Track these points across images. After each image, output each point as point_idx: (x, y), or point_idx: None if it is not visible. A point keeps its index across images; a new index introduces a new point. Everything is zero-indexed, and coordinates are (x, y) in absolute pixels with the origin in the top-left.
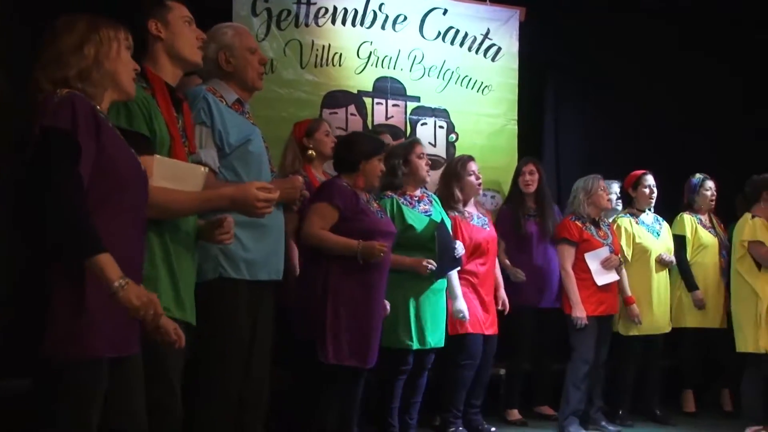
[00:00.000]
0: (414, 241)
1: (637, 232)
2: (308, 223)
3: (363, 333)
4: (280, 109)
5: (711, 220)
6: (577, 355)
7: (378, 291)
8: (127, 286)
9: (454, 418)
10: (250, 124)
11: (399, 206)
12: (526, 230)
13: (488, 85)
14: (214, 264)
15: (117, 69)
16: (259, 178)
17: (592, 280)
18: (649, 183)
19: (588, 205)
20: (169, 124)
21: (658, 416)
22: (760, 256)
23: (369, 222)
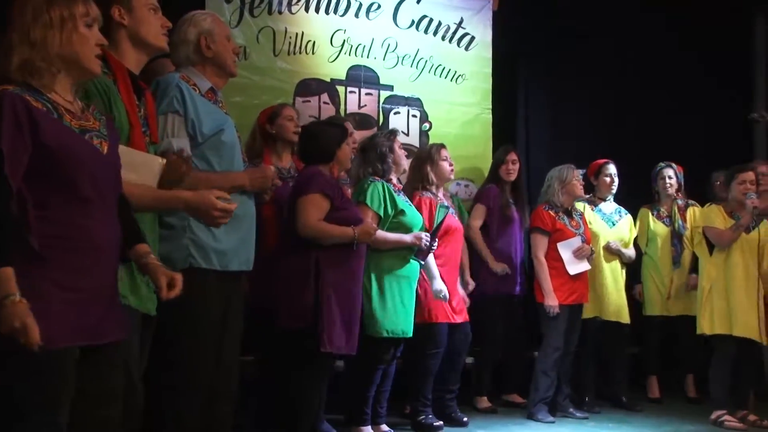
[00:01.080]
0: (402, 226)
1: (589, 217)
2: (305, 215)
3: (350, 320)
4: (253, 96)
5: (672, 208)
6: (547, 343)
7: (359, 278)
8: (9, 305)
9: (423, 406)
10: (223, 113)
11: (390, 191)
12: (510, 214)
13: (462, 74)
14: (184, 254)
15: (70, 50)
16: (231, 167)
17: (564, 269)
18: (610, 172)
19: (563, 194)
20: (129, 111)
21: (625, 402)
22: (712, 237)
23: (354, 211)
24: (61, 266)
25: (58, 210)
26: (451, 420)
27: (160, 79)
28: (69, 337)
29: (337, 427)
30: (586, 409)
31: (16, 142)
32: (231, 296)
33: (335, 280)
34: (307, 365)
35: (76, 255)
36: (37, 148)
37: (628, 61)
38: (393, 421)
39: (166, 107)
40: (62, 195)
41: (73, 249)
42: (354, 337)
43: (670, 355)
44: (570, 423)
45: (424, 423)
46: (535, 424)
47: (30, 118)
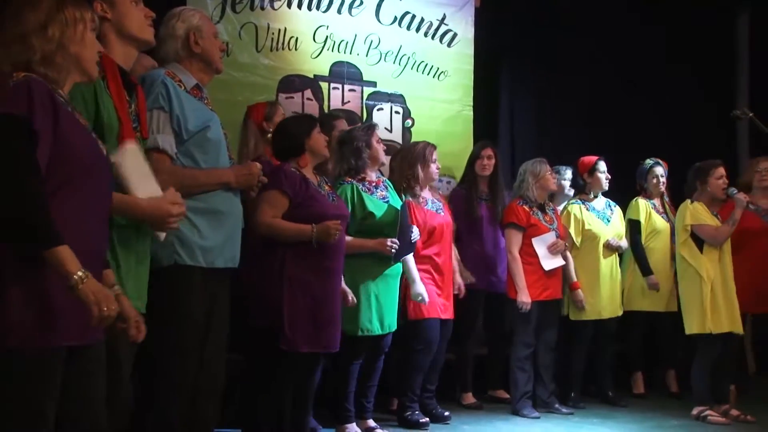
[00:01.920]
0: (373, 228)
1: (587, 219)
2: (259, 212)
3: (321, 319)
4: (236, 93)
5: (663, 205)
6: (518, 339)
7: (335, 276)
8: (86, 280)
9: (410, 402)
10: (209, 110)
11: (359, 193)
12: (478, 213)
13: (444, 71)
14: (169, 251)
15: (80, 52)
16: (216, 164)
17: (538, 264)
18: (604, 169)
19: (537, 188)
20: (118, 108)
21: (610, 398)
22: (706, 235)
23: (319, 206)
24: None
25: (62, 205)
26: (433, 417)
27: (145, 75)
28: (72, 334)
29: (324, 423)
30: (572, 404)
31: (46, 125)
32: (217, 293)
33: (302, 278)
34: (275, 363)
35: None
36: (55, 138)
37: (612, 57)
38: (379, 417)
39: (151, 104)
40: (67, 190)
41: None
42: (326, 335)
43: (654, 351)
44: (555, 418)
45: (410, 419)
46: (520, 420)
47: (54, 106)
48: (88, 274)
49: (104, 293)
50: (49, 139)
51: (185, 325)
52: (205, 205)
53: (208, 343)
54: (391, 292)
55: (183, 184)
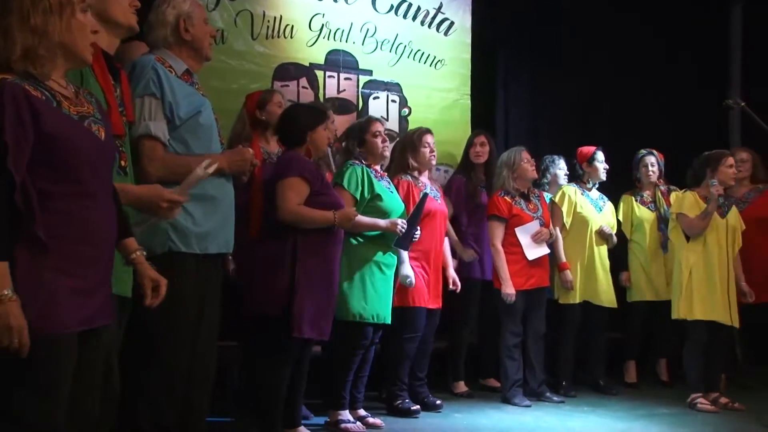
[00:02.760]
0: (379, 211)
1: (580, 202)
2: (285, 200)
3: (326, 306)
4: (231, 80)
5: (655, 194)
6: (505, 329)
7: (336, 264)
8: (8, 303)
9: (400, 390)
10: (200, 95)
11: (369, 175)
12: (480, 200)
13: (441, 60)
14: (163, 238)
15: (69, 39)
16: (209, 150)
17: (522, 254)
18: (602, 159)
19: (514, 179)
20: (105, 91)
21: (601, 386)
22: (684, 225)
23: (333, 195)
24: (66, 255)
25: (62, 200)
26: (425, 405)
27: (135, 62)
28: (76, 322)
29: (315, 412)
30: (563, 393)
31: (19, 133)
32: (210, 279)
33: (312, 266)
34: (276, 352)
35: (80, 244)
36: (38, 139)
37: (607, 48)
38: (369, 406)
39: (142, 90)
40: (65, 185)
41: (77, 239)
42: (329, 323)
43: (647, 340)
44: (546, 407)
45: (401, 407)
46: (512, 408)
47: (31, 108)
48: (12, 298)
49: (17, 322)
50: (25, 147)
51: (179, 313)
52: (198, 191)
53: (201, 330)
54: (388, 283)
55: (176, 171)
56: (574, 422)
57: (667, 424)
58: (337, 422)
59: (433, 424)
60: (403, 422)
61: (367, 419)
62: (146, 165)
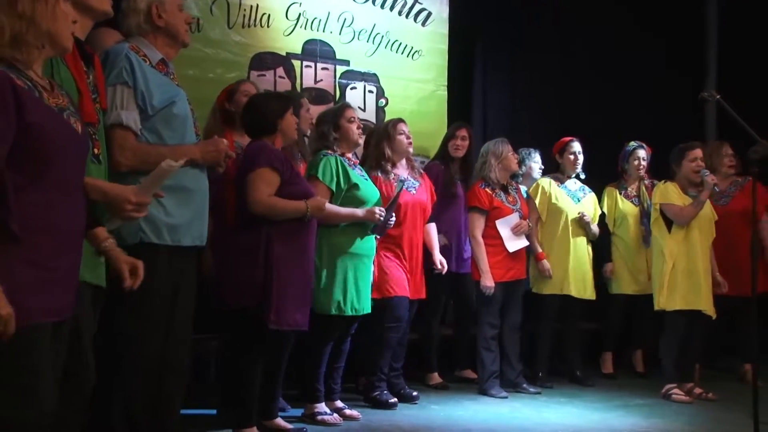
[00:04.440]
0: (355, 201)
1: (555, 193)
2: (255, 191)
3: (301, 296)
4: (207, 69)
5: (639, 188)
6: (483, 320)
7: (310, 253)
8: None
9: (378, 381)
10: (175, 85)
11: (343, 164)
12: (455, 189)
13: (418, 50)
14: (134, 229)
15: (53, 27)
16: (183, 141)
17: (502, 246)
18: (575, 150)
19: (499, 169)
20: (76, 78)
21: (578, 377)
22: (672, 214)
23: (303, 185)
24: (37, 247)
25: (37, 191)
26: (401, 397)
27: (108, 50)
28: (45, 312)
29: (292, 403)
30: (540, 384)
31: (2, 121)
32: (183, 271)
33: (286, 256)
34: (252, 344)
35: (52, 236)
36: (20, 128)
37: (585, 39)
38: (347, 397)
39: (114, 78)
40: (41, 176)
41: (50, 230)
42: (305, 313)
43: (627, 331)
44: (522, 398)
45: (379, 399)
46: (488, 400)
47: (16, 97)
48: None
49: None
50: (9, 132)
51: (151, 304)
52: (171, 182)
53: (175, 322)
54: (366, 274)
55: (148, 161)
56: (549, 413)
57: (642, 414)
58: (314, 414)
59: (411, 416)
60: (381, 414)
61: (345, 411)
62: (117, 154)
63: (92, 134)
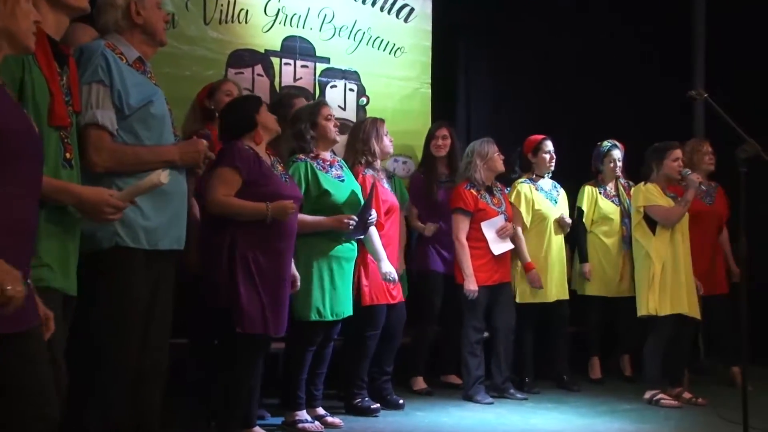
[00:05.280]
0: (329, 207)
1: (536, 199)
2: (211, 190)
3: (274, 301)
4: (183, 67)
5: (617, 188)
6: (467, 324)
7: (287, 258)
8: None
9: (359, 389)
10: (153, 84)
11: (313, 170)
12: (437, 197)
13: (401, 47)
14: (110, 232)
15: (13, 24)
16: (160, 141)
17: (486, 248)
18: (549, 149)
19: (485, 170)
20: (48, 79)
21: (565, 382)
22: (659, 215)
23: (273, 186)
24: None
25: None
26: (387, 403)
27: (83, 47)
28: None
29: (272, 411)
30: (526, 389)
31: None
32: (161, 276)
33: (256, 259)
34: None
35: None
36: None
37: (570, 37)
38: (329, 405)
39: (89, 77)
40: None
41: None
42: (279, 319)
43: (611, 335)
44: (509, 404)
45: (360, 406)
46: (474, 406)
47: None
48: None
49: (9, 273)
50: None
51: (127, 309)
52: None
53: (152, 327)
54: (346, 277)
55: (124, 162)
56: (536, 419)
57: (630, 419)
58: (295, 422)
59: (394, 423)
60: (363, 421)
61: (326, 418)
62: (92, 155)
63: (64, 138)
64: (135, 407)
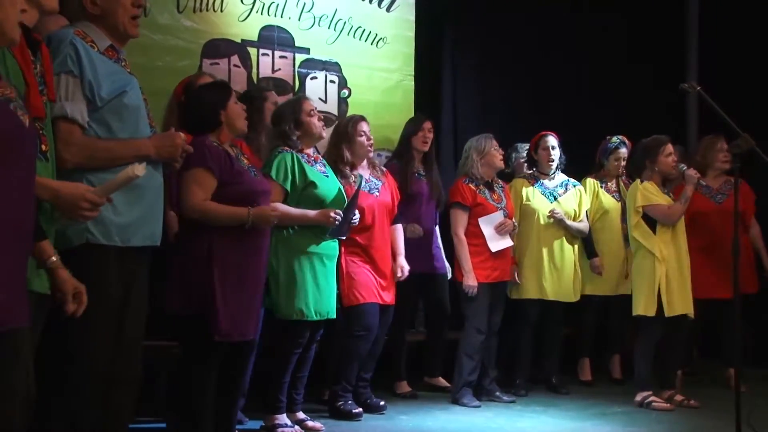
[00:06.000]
0: (314, 200)
1: (527, 194)
2: (188, 194)
3: (250, 303)
4: (155, 57)
5: (618, 184)
6: (470, 325)
7: (263, 255)
8: None
9: (344, 392)
10: (127, 73)
11: (299, 162)
12: (414, 190)
13: (383, 38)
14: (80, 229)
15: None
16: (135, 134)
17: (485, 245)
18: (549, 144)
19: (482, 165)
20: (24, 69)
21: (554, 384)
22: (659, 214)
23: (247, 183)
24: None
25: None
26: (367, 407)
27: (51, 35)
28: None
29: (249, 414)
30: (514, 392)
31: None
32: (135, 274)
33: (232, 261)
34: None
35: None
36: None
37: (559, 28)
38: (310, 408)
39: (58, 67)
40: None
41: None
42: (254, 321)
43: (602, 336)
44: (496, 407)
45: (343, 409)
46: (460, 409)
47: None
48: None
49: None
50: None
51: (98, 309)
52: None
53: (125, 328)
54: (329, 275)
55: (96, 157)
56: (524, 422)
57: (620, 423)
58: (274, 426)
59: (377, 427)
60: (345, 425)
61: (306, 423)
62: (62, 150)
63: (39, 129)
64: (105, 413)
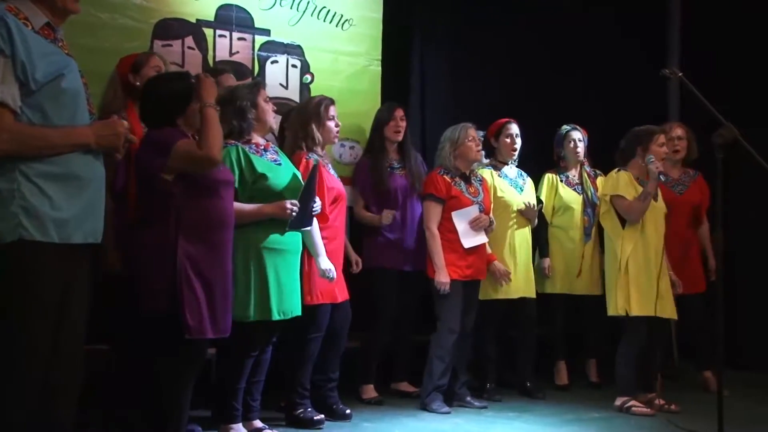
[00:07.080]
0: (267, 193)
1: (499, 185)
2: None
3: (219, 299)
4: (102, 38)
5: (581, 175)
6: (442, 325)
7: (227, 250)
8: None
9: (301, 398)
10: (64, 55)
11: (246, 154)
12: (390, 185)
13: (348, 19)
14: (12, 224)
15: None
16: (73, 120)
17: (460, 241)
18: (512, 132)
19: (455, 157)
20: None
21: (528, 389)
22: (621, 209)
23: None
24: None
25: None
26: (333, 413)
27: None
28: None
29: (203, 424)
30: (486, 397)
31: None
32: (74, 273)
33: (199, 254)
34: (173, 355)
35: None
36: None
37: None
38: (267, 416)
39: None
40: None
41: None
42: (225, 318)
43: (576, 338)
44: (467, 413)
45: (302, 417)
46: (429, 416)
47: None
48: None
49: None
50: None
51: (33, 311)
52: (59, 170)
53: (64, 332)
54: (292, 271)
55: (29, 145)
56: (497, 429)
57: (598, 428)
58: None
59: None
60: None
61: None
62: None
63: None
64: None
